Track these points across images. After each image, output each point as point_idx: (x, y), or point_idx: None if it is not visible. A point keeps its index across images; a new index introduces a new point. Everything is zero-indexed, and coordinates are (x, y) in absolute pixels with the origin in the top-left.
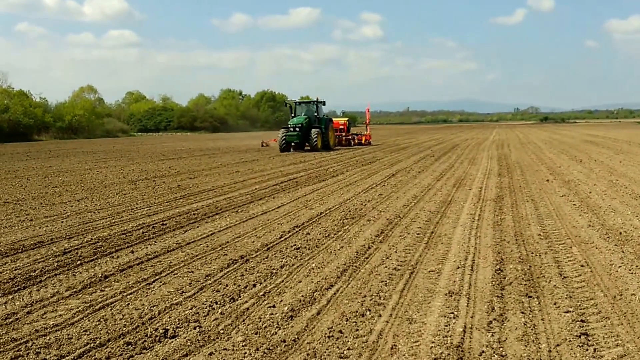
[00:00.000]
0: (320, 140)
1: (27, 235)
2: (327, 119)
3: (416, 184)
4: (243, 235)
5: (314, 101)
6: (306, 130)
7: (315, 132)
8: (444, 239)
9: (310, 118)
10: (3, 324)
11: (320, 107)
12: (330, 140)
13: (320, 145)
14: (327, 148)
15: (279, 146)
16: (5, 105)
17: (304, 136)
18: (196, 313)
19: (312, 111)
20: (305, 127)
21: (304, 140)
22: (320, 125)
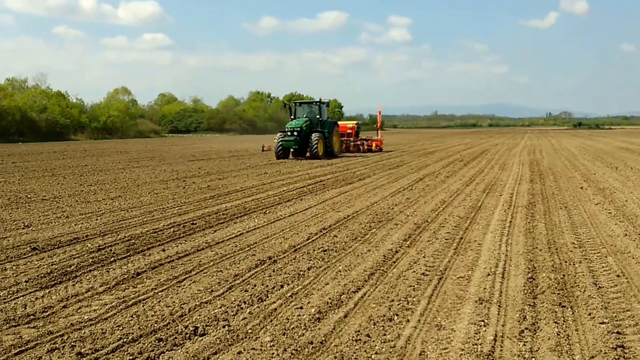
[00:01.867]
0: (321, 146)
1: (64, 231)
2: (332, 122)
3: (444, 188)
4: (271, 236)
5: (316, 101)
6: (306, 135)
7: (316, 136)
8: (473, 245)
9: (311, 121)
10: (40, 317)
11: (324, 108)
12: (335, 146)
13: (321, 151)
14: (331, 155)
15: (274, 152)
16: (44, 105)
17: (303, 141)
18: (225, 312)
19: (314, 113)
20: (305, 131)
21: (303, 146)
22: (323, 129)
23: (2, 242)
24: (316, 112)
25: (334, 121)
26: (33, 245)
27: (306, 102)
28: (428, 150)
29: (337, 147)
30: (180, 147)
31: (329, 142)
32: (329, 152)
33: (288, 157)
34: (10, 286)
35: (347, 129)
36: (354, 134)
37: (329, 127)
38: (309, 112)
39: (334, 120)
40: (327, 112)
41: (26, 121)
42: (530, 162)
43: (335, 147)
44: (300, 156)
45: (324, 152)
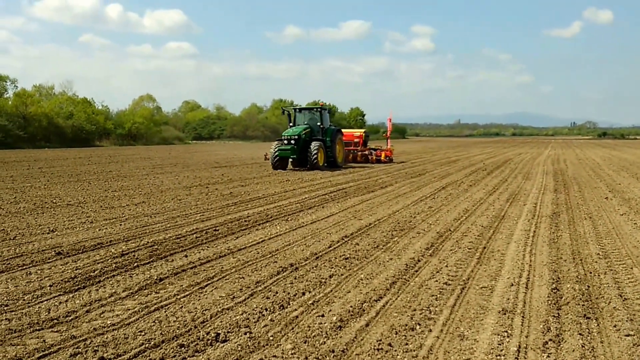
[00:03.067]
0: (322, 155)
1: (88, 236)
2: (335, 130)
3: (467, 197)
4: (293, 244)
5: (317, 107)
6: (305, 144)
7: (316, 145)
8: (497, 254)
9: (312, 128)
10: (64, 321)
11: (325, 114)
12: (338, 156)
13: (322, 161)
14: (333, 165)
15: (271, 162)
16: (70, 112)
17: (301, 150)
18: (247, 319)
19: (315, 120)
20: (304, 140)
21: (302, 156)
22: (325, 137)
23: (27, 247)
24: (317, 118)
25: (337, 129)
26: (57, 250)
27: (306, 108)
28: (451, 158)
29: (340, 157)
30: (203, 153)
31: (332, 152)
32: (332, 162)
33: (286, 167)
34: (34, 290)
35: (354, 137)
36: (361, 143)
37: (332, 135)
38: (309, 119)
39: (337, 128)
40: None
41: (52, 127)
42: (554, 172)
43: (338, 156)
44: (300, 166)
45: (326, 162)
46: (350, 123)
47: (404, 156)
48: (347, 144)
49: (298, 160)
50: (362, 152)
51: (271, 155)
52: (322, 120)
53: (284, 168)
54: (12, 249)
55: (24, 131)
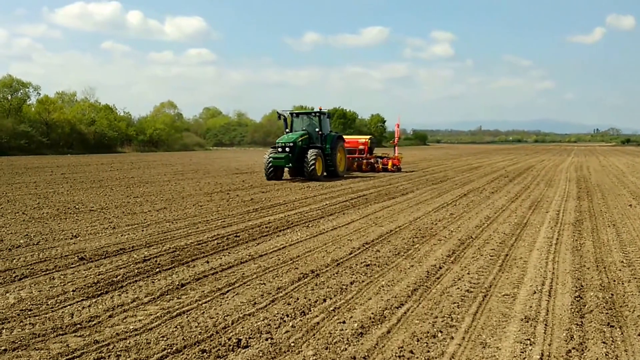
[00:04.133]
0: (320, 164)
1: (110, 242)
2: (335, 136)
3: (489, 204)
4: (313, 250)
5: (315, 112)
6: (302, 151)
7: (313, 153)
8: (519, 262)
9: (310, 135)
10: (87, 326)
11: (325, 120)
12: (340, 165)
13: (320, 171)
14: (334, 175)
15: (264, 172)
16: (92, 118)
17: (297, 159)
18: (268, 325)
19: (313, 125)
20: (301, 147)
21: (298, 165)
22: (324, 144)
23: (51, 252)
24: (315, 124)
25: (338, 135)
26: (81, 255)
27: (304, 113)
28: (472, 165)
29: (342, 165)
30: (224, 160)
31: (332, 160)
32: (332, 171)
33: (281, 177)
34: (58, 295)
35: (358, 144)
36: (366, 151)
37: (332, 142)
38: (308, 124)
39: (338, 134)
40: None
41: (75, 134)
42: (577, 179)
43: (339, 165)
44: (297, 176)
45: (325, 171)
46: (371, 129)
47: (424, 163)
48: (351, 151)
49: (294, 170)
50: (367, 161)
51: (265, 163)
52: (321, 125)
53: (279, 178)
54: (35, 254)
55: (46, 137)
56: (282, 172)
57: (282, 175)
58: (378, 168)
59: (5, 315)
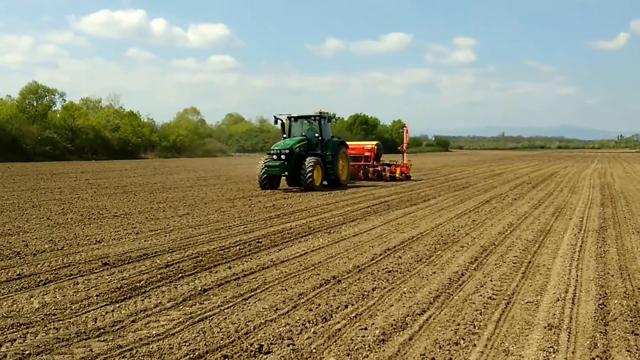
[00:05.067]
0: (319, 173)
1: (134, 247)
2: (337, 142)
3: (512, 211)
4: (335, 256)
5: (315, 115)
6: (299, 159)
7: (311, 162)
8: (542, 269)
9: (309, 140)
10: (110, 331)
11: (326, 124)
12: (342, 173)
13: (319, 180)
14: (336, 184)
15: (258, 181)
16: (117, 124)
17: (294, 167)
18: (289, 331)
19: (313, 130)
20: (298, 154)
21: (295, 173)
22: (325, 150)
23: (75, 257)
24: (315, 129)
25: (341, 141)
26: (104, 261)
27: (304, 117)
28: (495, 171)
29: (345, 174)
30: (246, 166)
31: (333, 168)
32: (333, 180)
33: (277, 187)
34: (81, 300)
35: (364, 150)
36: (373, 158)
37: (333, 148)
38: (307, 129)
39: (340, 140)
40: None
41: (99, 140)
42: (601, 185)
43: (341, 174)
44: (296, 185)
45: (326, 180)
46: (392, 135)
47: (446, 169)
48: (357, 158)
49: (292, 179)
50: (374, 168)
51: (258, 172)
52: (322, 130)
53: (274, 187)
54: (60, 259)
55: (71, 143)
56: (278, 182)
57: (278, 185)
58: (385, 176)
59: (30, 319)
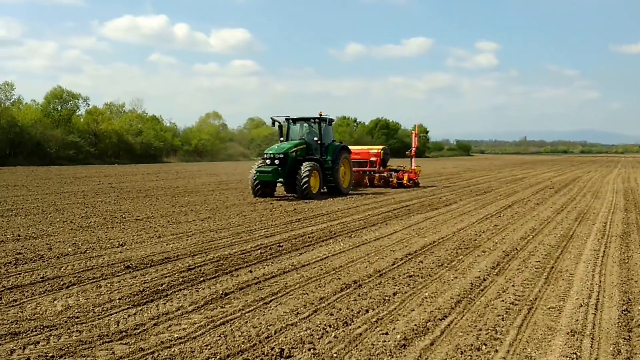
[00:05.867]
0: (316, 180)
1: (156, 251)
2: (339, 147)
3: (534, 216)
4: (356, 261)
5: (315, 118)
6: (295, 164)
7: (308, 167)
8: (565, 274)
9: (308, 144)
10: (132, 333)
11: (327, 128)
12: (344, 180)
13: (317, 188)
14: (336, 191)
15: (251, 188)
16: (139, 129)
17: (289, 173)
18: (310, 335)
19: (313, 134)
20: (294, 159)
21: (290, 179)
22: (324, 156)
23: (98, 260)
24: (315, 132)
25: (342, 145)
26: (127, 264)
27: (303, 119)
28: (517, 176)
29: (346, 180)
30: None
31: (333, 174)
32: (333, 188)
33: (272, 194)
34: (104, 303)
35: (369, 155)
36: (379, 163)
37: (334, 153)
38: (308, 132)
39: (342, 145)
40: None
41: (122, 144)
42: (624, 190)
43: (343, 180)
44: (294, 193)
45: (325, 187)
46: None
47: (468, 174)
48: (362, 163)
49: (290, 185)
50: (380, 174)
51: (251, 178)
52: (322, 134)
53: (269, 195)
54: (83, 262)
55: (94, 147)
56: (273, 188)
57: (273, 192)
58: (392, 183)
59: (53, 322)
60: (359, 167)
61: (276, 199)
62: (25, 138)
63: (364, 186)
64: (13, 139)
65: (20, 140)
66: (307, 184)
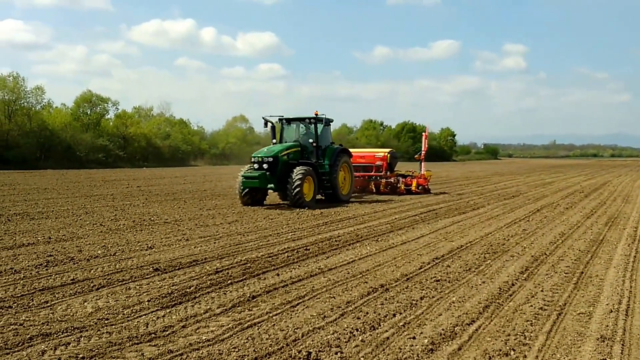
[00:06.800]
0: (310, 187)
1: (184, 253)
2: (337, 150)
3: (563, 220)
4: (383, 264)
5: (311, 118)
6: (286, 169)
7: (300, 172)
8: (595, 280)
9: (303, 147)
10: (161, 335)
11: (325, 128)
12: (344, 186)
13: (311, 195)
14: (334, 198)
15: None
16: (167, 132)
17: (280, 178)
18: (337, 338)
19: (308, 135)
20: (285, 163)
21: (281, 186)
22: (321, 159)
23: (127, 263)
24: (311, 133)
25: (342, 148)
26: (155, 266)
27: (298, 119)
28: (545, 180)
29: (347, 187)
30: None
31: (330, 180)
32: (331, 194)
33: (262, 202)
34: (133, 305)
35: (375, 159)
36: (385, 167)
37: (332, 156)
38: (303, 133)
39: (341, 147)
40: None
41: (151, 147)
42: None
43: (342, 187)
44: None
45: (320, 194)
46: (440, 143)
47: (496, 177)
48: (367, 168)
49: (282, 192)
50: (386, 180)
51: (238, 184)
52: (317, 135)
53: (258, 203)
54: (112, 265)
55: (123, 151)
56: (263, 196)
57: (263, 200)
58: (400, 189)
59: (84, 323)
60: (363, 172)
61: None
62: (56, 142)
63: (369, 192)
64: (43, 143)
65: (50, 143)
66: (299, 191)
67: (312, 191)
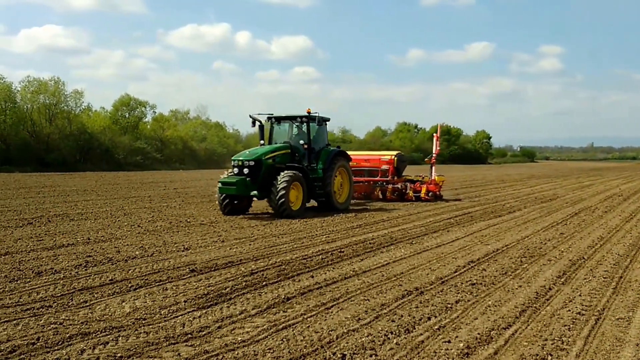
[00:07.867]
0: (299, 194)
1: (220, 255)
2: (333, 153)
3: (602, 224)
4: (417, 267)
5: (302, 116)
6: (272, 173)
7: (285, 178)
8: (634, 284)
9: (293, 149)
10: (197, 336)
11: (320, 128)
12: (340, 194)
13: (298, 204)
14: (329, 207)
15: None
16: (203, 135)
17: (263, 185)
18: (372, 341)
19: (300, 135)
20: (270, 167)
21: (264, 192)
22: (314, 164)
23: (164, 263)
24: (304, 133)
25: (338, 150)
26: (192, 267)
27: (289, 117)
28: (583, 183)
29: (344, 194)
30: None
31: (324, 187)
32: (325, 202)
33: (246, 210)
34: (170, 305)
35: (381, 163)
36: (392, 172)
37: (327, 160)
38: (296, 134)
39: (338, 149)
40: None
41: (187, 150)
42: None
43: (339, 194)
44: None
45: (315, 201)
46: (475, 146)
47: (532, 180)
48: (372, 172)
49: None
50: (393, 186)
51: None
52: (309, 136)
53: (242, 211)
54: (149, 265)
55: (160, 154)
56: (248, 202)
57: (248, 207)
58: (408, 196)
59: (122, 323)
60: (369, 177)
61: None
62: (95, 144)
63: (374, 199)
64: (83, 145)
65: (89, 146)
66: (284, 199)
67: (301, 199)
